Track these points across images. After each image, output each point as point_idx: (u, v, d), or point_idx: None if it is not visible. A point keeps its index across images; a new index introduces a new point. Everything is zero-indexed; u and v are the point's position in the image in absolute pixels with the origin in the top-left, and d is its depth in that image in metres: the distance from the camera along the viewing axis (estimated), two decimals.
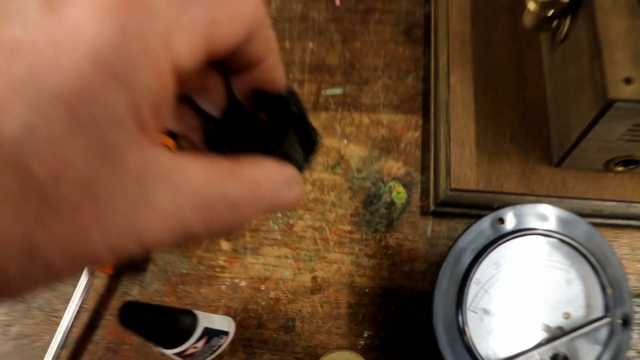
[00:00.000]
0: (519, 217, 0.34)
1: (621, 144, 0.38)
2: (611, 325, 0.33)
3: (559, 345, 0.33)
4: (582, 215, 0.37)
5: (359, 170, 0.45)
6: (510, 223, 0.34)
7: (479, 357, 0.32)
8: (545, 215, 0.35)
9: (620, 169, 0.41)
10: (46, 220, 0.13)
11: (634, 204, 0.42)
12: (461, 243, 0.34)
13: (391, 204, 0.44)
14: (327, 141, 0.46)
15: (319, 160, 0.45)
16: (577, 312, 0.34)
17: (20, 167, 0.13)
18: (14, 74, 0.13)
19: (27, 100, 0.13)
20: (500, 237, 0.33)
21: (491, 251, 0.33)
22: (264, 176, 0.18)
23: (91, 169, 0.14)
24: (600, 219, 0.43)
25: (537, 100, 0.44)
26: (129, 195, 0.14)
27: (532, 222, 0.35)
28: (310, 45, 0.51)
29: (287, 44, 0.51)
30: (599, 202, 0.42)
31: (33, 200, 0.13)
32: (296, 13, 0.52)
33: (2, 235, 0.13)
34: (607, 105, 0.34)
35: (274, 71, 0.20)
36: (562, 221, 0.35)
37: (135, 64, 0.14)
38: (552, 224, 0.35)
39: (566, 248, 0.34)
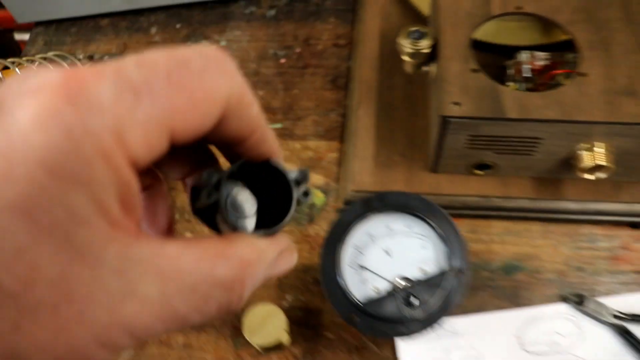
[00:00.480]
0: (383, 200, 0.48)
1: (469, 152, 0.52)
2: (450, 276, 0.46)
3: (415, 290, 0.46)
4: (454, 208, 0.51)
5: None
6: (377, 203, 0.48)
7: (353, 299, 0.45)
8: (405, 200, 0.49)
9: (479, 172, 0.55)
10: (24, 326, 0.13)
11: (492, 199, 0.55)
12: (341, 218, 0.48)
13: (312, 205, 0.58)
14: None
15: None
16: (429, 268, 0.47)
17: None
18: None
19: None
20: (365, 213, 0.47)
21: (360, 222, 0.47)
22: (255, 254, 0.18)
23: (63, 270, 0.14)
24: (468, 211, 0.56)
25: (422, 125, 0.59)
26: (110, 290, 0.14)
27: (396, 205, 0.48)
28: (260, 93, 0.67)
29: None
30: (465, 198, 0.55)
31: (7, 309, 0.13)
32: (251, 70, 0.69)
33: None
34: (444, 121, 0.49)
35: (261, 147, 0.20)
36: (420, 204, 0.49)
37: (87, 163, 0.14)
38: (411, 207, 0.49)
39: (422, 223, 0.48)
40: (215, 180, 0.19)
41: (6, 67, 0.57)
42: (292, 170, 0.21)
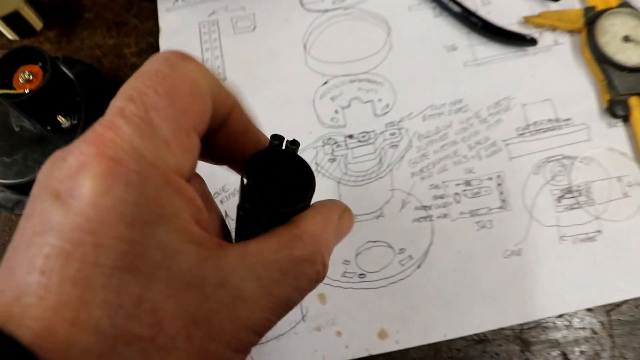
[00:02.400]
0: None
1: None
2: None
3: None
4: None
5: None
6: None
7: None
8: None
9: None
10: None
11: None
12: None
13: None
14: None
15: None
16: None
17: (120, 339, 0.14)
18: (69, 273, 0.14)
19: (97, 274, 0.14)
20: None
21: None
22: (320, 225, 0.19)
23: (179, 302, 0.15)
24: None
25: None
26: (222, 302, 0.16)
27: None
28: None
29: None
30: None
31: (153, 353, 0.14)
32: None
33: None
34: None
35: (244, 116, 0.20)
36: None
37: (156, 201, 0.15)
38: None
39: None
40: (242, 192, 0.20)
41: None
42: (287, 145, 0.21)
